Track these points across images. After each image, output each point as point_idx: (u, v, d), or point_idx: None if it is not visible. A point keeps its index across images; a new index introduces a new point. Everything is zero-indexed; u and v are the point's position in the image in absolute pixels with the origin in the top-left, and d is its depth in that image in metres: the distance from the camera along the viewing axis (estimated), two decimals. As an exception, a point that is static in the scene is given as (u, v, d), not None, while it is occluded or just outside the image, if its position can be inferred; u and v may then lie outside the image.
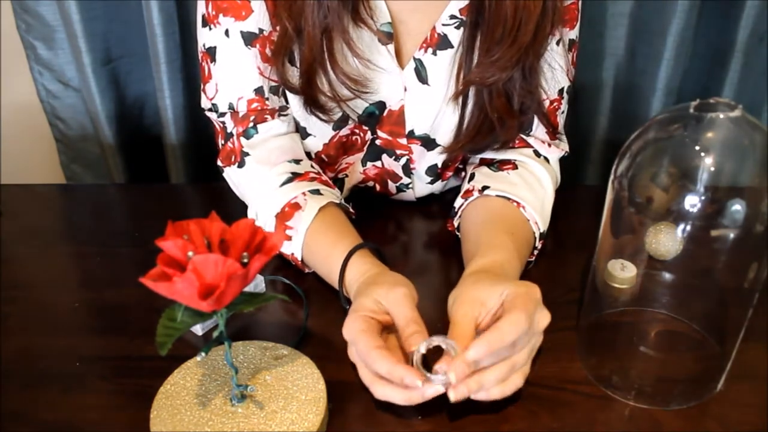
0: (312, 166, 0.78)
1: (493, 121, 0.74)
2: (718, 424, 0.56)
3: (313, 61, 0.69)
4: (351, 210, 0.77)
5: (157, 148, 1.20)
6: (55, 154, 1.22)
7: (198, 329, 0.66)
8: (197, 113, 0.79)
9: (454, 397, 0.52)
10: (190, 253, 0.45)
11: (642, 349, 0.65)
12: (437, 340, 0.53)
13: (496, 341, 0.52)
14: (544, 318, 0.57)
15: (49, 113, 1.17)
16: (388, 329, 0.59)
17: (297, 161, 0.76)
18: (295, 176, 0.74)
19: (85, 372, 0.62)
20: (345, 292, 0.67)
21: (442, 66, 0.74)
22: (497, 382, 0.53)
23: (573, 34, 0.76)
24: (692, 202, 0.52)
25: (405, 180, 0.85)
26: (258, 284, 0.72)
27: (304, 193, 0.72)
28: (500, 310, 0.56)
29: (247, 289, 0.49)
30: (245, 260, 0.47)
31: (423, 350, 0.53)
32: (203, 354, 0.51)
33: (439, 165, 0.83)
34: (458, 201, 0.78)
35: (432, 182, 0.86)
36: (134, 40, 1.10)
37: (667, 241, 0.65)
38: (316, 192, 0.72)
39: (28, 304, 0.72)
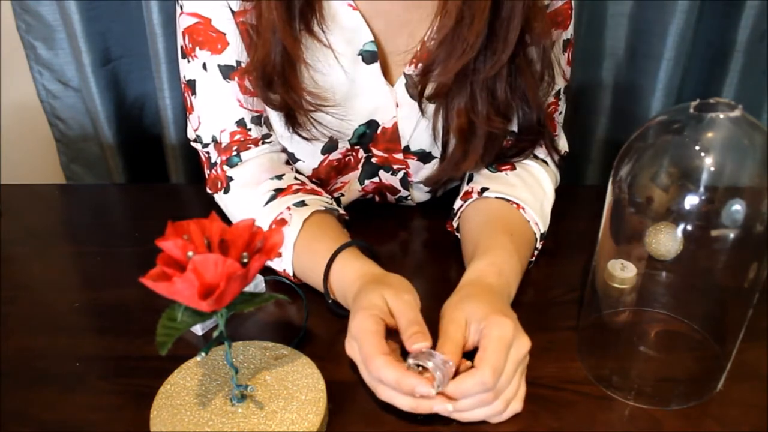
0: (295, 178, 0.77)
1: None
2: (718, 424, 0.56)
3: (272, 70, 0.68)
4: (341, 212, 0.77)
5: (157, 148, 1.20)
6: (55, 154, 1.22)
7: (198, 329, 0.66)
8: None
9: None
10: (190, 253, 0.45)
11: (642, 349, 0.65)
12: (427, 359, 0.53)
13: (458, 395, 0.53)
14: (522, 347, 0.56)
15: (49, 113, 1.17)
16: (388, 333, 0.59)
17: (279, 177, 0.76)
18: (278, 192, 0.74)
19: (85, 372, 0.62)
20: (331, 292, 0.67)
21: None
22: (491, 417, 0.55)
23: (567, 34, 0.76)
24: (692, 202, 0.52)
25: (403, 193, 0.85)
26: (258, 284, 0.72)
27: (288, 208, 0.72)
28: (479, 340, 0.56)
29: (247, 289, 0.49)
30: (245, 260, 0.47)
31: (410, 365, 0.54)
32: (203, 354, 0.51)
33: (430, 186, 0.83)
34: (457, 203, 0.78)
35: (431, 191, 0.86)
36: (134, 40, 1.10)
37: (667, 241, 0.65)
38: (301, 204, 0.72)
39: (28, 304, 0.72)
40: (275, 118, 0.75)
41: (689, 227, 0.53)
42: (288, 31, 0.66)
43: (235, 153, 0.76)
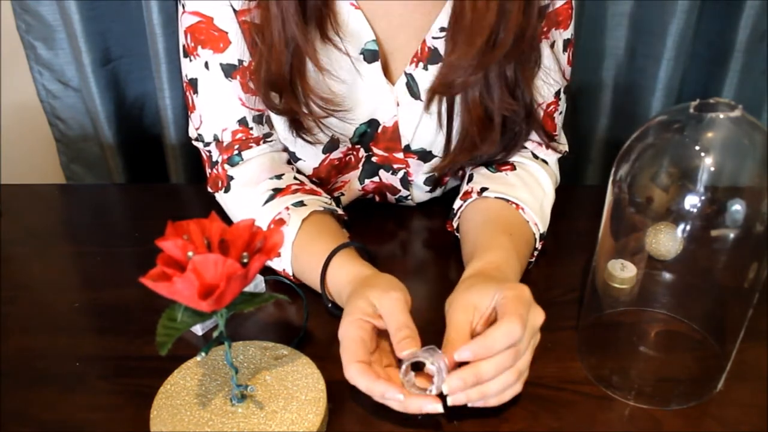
0: (295, 178, 0.77)
1: (474, 137, 0.73)
2: (718, 424, 0.56)
3: (281, 78, 0.68)
4: (341, 212, 0.77)
5: (157, 148, 1.20)
6: (55, 154, 1.22)
7: (198, 329, 0.66)
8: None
9: (451, 401, 0.53)
10: (190, 253, 0.45)
11: (642, 349, 0.65)
12: (423, 357, 0.53)
13: (484, 349, 0.52)
14: (538, 316, 0.56)
15: (49, 113, 1.17)
16: (381, 333, 0.59)
17: (279, 176, 0.76)
18: (276, 192, 0.74)
19: (85, 372, 0.62)
20: (329, 294, 0.67)
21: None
22: (501, 391, 0.54)
23: (567, 33, 0.76)
24: (692, 202, 0.52)
25: (404, 192, 0.85)
26: (258, 284, 0.72)
27: (287, 208, 0.72)
28: (493, 314, 0.56)
29: (247, 289, 0.49)
30: (245, 260, 0.47)
31: (404, 371, 0.54)
32: (203, 354, 0.51)
33: (437, 174, 0.82)
34: (457, 202, 0.78)
35: (431, 190, 0.86)
36: (134, 40, 1.10)
37: (667, 241, 0.65)
38: (300, 204, 0.72)
39: (28, 304, 0.72)
40: (278, 120, 0.75)
41: (689, 227, 0.53)
42: (304, 41, 0.66)
43: (236, 152, 0.76)
